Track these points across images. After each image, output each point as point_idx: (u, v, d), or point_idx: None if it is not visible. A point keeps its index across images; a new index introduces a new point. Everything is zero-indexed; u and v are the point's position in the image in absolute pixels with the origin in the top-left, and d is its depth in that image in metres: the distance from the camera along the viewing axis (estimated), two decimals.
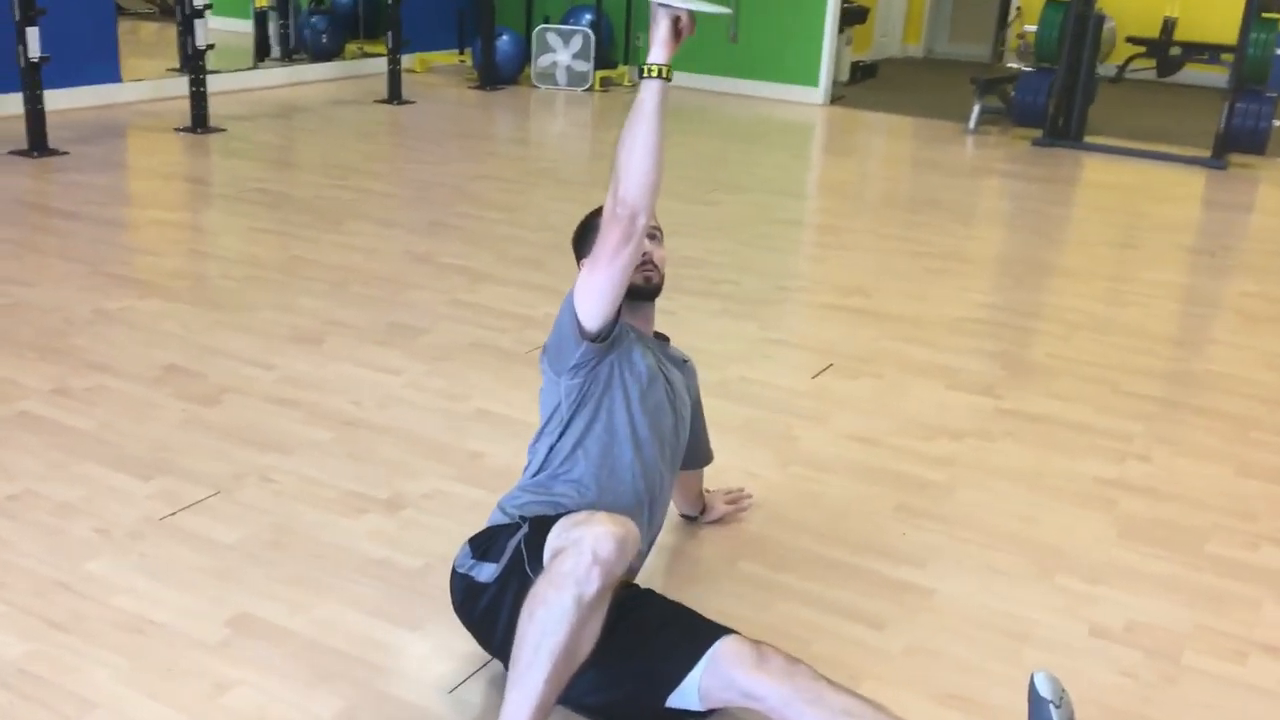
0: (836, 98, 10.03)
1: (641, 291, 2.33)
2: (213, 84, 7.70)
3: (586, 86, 10.07)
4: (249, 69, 9.30)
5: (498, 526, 2.19)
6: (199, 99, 7.31)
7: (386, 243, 5.05)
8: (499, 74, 10.10)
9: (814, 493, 3.01)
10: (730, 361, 3.85)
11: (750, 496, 2.89)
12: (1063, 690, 1.94)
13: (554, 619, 1.84)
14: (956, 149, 8.14)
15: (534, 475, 2.28)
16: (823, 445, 3.28)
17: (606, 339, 2.20)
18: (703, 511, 2.81)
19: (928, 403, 3.62)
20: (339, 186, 6.10)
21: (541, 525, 2.05)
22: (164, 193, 5.97)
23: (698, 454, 2.67)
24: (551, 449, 2.27)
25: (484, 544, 2.16)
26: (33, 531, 2.60)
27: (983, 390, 3.74)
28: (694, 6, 2.04)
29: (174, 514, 2.70)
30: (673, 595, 2.41)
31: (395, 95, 8.96)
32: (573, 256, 2.37)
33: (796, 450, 3.25)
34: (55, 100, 6.76)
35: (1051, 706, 1.90)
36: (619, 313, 2.20)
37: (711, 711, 2.06)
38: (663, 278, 2.38)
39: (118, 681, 2.12)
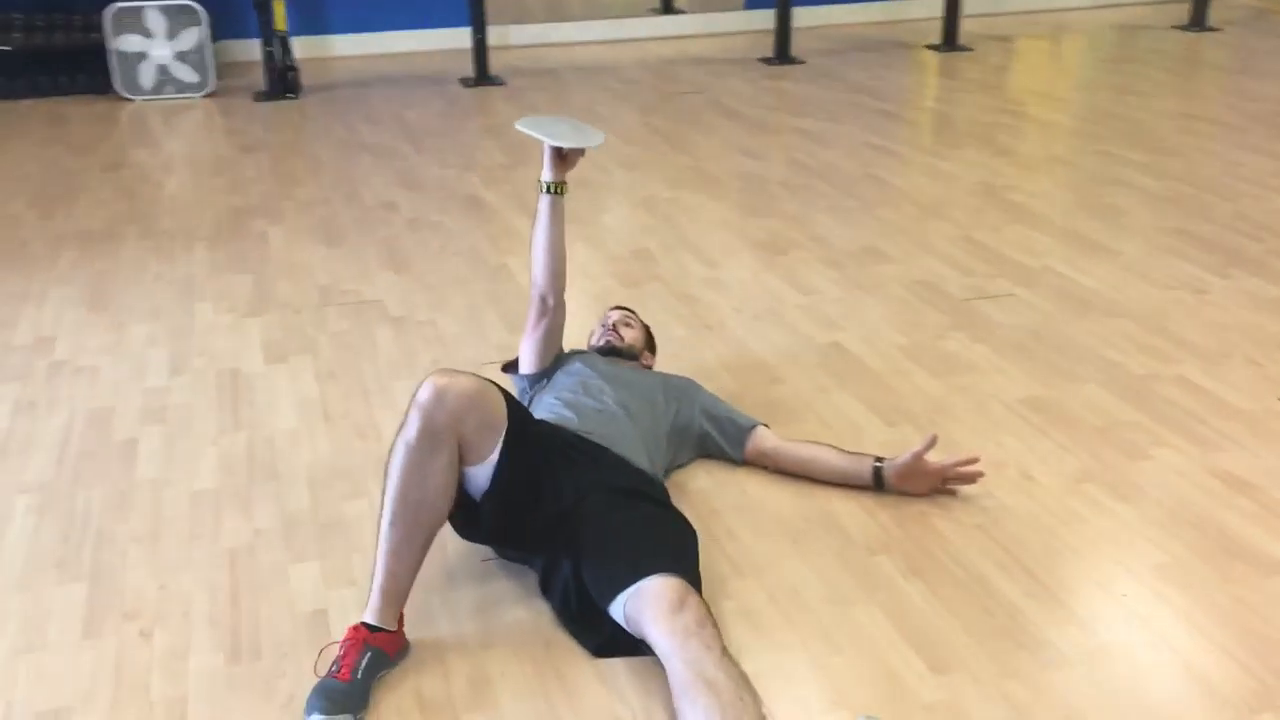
0: None
1: (604, 350, 2.76)
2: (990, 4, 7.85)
3: None
4: None
5: None
6: (950, 14, 7.43)
7: (972, 171, 4.78)
8: None
9: (1071, 515, 2.40)
10: (1196, 359, 3.07)
11: (968, 470, 2.45)
12: None
13: (392, 466, 2.00)
14: None
15: None
16: (1158, 472, 2.54)
17: (540, 379, 2.65)
18: (880, 471, 2.47)
19: None
20: (1012, 113, 5.82)
21: None
22: (842, 104, 6.22)
23: (731, 428, 2.63)
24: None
25: None
26: None
27: None
28: (563, 143, 2.48)
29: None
30: (758, 561, 2.24)
31: (1197, 21, 8.03)
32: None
33: (1111, 469, 2.57)
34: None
35: None
36: (555, 360, 2.67)
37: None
38: (629, 347, 2.79)
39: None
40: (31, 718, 1.89)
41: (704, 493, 2.52)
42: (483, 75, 6.62)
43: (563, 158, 2.53)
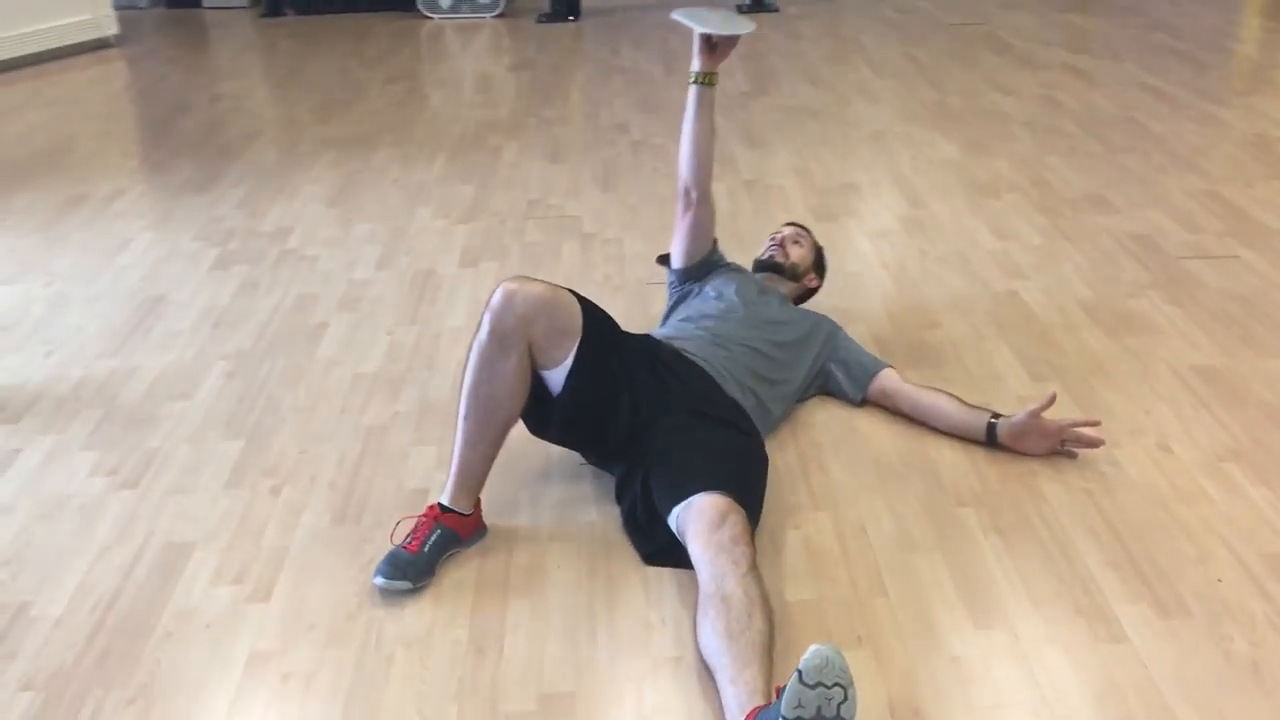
0: None
1: (764, 264, 2.79)
2: None
3: None
4: None
5: None
6: None
7: (1250, 121, 4.33)
8: None
9: (1197, 494, 2.21)
10: None
11: (1087, 433, 2.33)
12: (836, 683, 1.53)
13: (468, 364, 2.15)
14: None
15: None
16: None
17: (689, 277, 2.71)
18: (994, 429, 2.38)
19: None
20: None
21: None
22: (1132, 41, 5.73)
23: (857, 369, 2.60)
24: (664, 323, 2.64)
25: None
26: None
27: None
28: (712, 30, 2.45)
29: None
30: (838, 497, 2.25)
31: None
32: None
33: (1265, 450, 2.34)
34: None
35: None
36: (703, 263, 2.70)
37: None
38: (792, 266, 2.78)
39: None
40: (162, 546, 2.21)
41: (813, 425, 2.52)
42: (758, 2, 6.61)
43: (712, 48, 2.51)
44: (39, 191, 4.08)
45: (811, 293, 2.84)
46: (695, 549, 1.94)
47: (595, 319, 2.21)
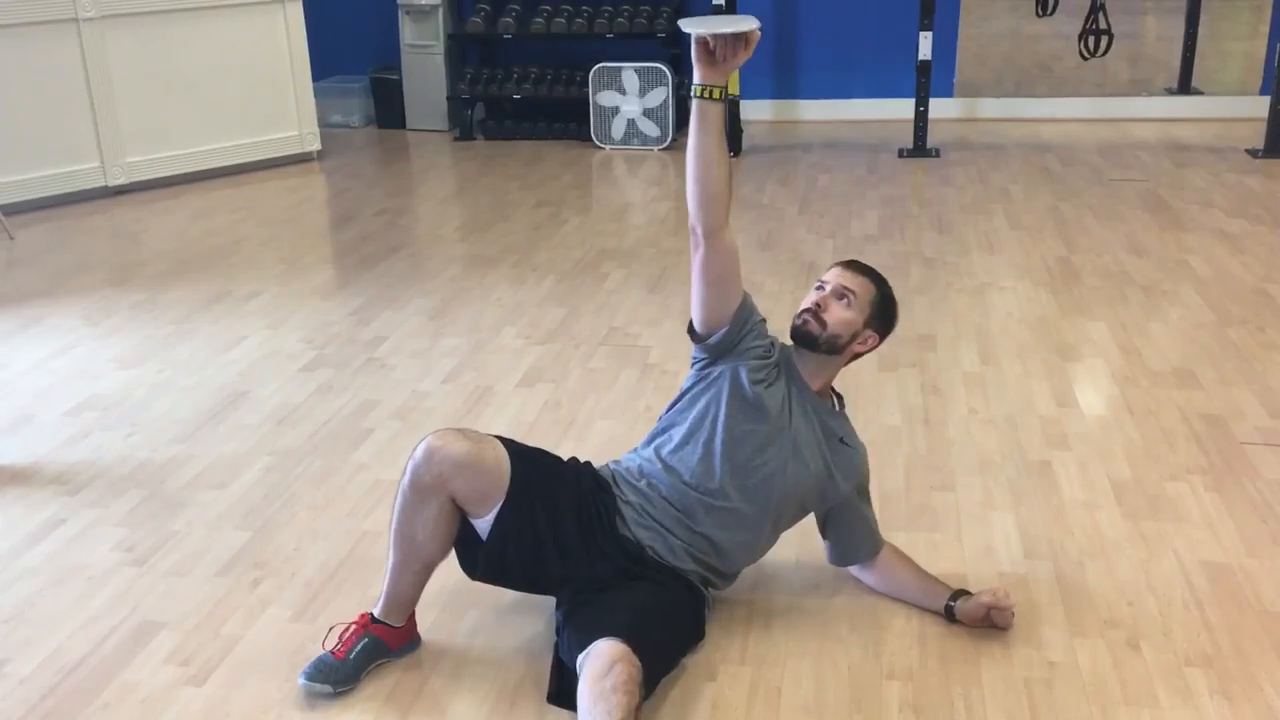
0: None
1: (795, 333, 2.36)
2: None
3: None
4: None
5: None
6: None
7: None
8: None
9: (1148, 700, 2.04)
10: None
11: (1006, 609, 2.28)
12: None
13: (395, 501, 2.23)
14: None
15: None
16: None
17: (707, 343, 2.36)
18: (952, 610, 2.33)
19: None
20: None
21: None
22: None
23: (847, 548, 2.45)
24: (660, 419, 2.44)
25: None
26: None
27: None
28: (709, 30, 2.12)
29: None
30: (767, 654, 2.29)
31: None
32: None
33: (1244, 660, 2.14)
34: None
35: None
36: (730, 330, 2.31)
37: None
38: (831, 338, 2.32)
39: None
40: (139, 622, 2.41)
41: (775, 577, 2.50)
42: (919, 146, 6.61)
43: (711, 54, 2.13)
44: (191, 287, 4.55)
45: (863, 352, 2.39)
46: (581, 690, 1.97)
47: (525, 477, 2.22)
